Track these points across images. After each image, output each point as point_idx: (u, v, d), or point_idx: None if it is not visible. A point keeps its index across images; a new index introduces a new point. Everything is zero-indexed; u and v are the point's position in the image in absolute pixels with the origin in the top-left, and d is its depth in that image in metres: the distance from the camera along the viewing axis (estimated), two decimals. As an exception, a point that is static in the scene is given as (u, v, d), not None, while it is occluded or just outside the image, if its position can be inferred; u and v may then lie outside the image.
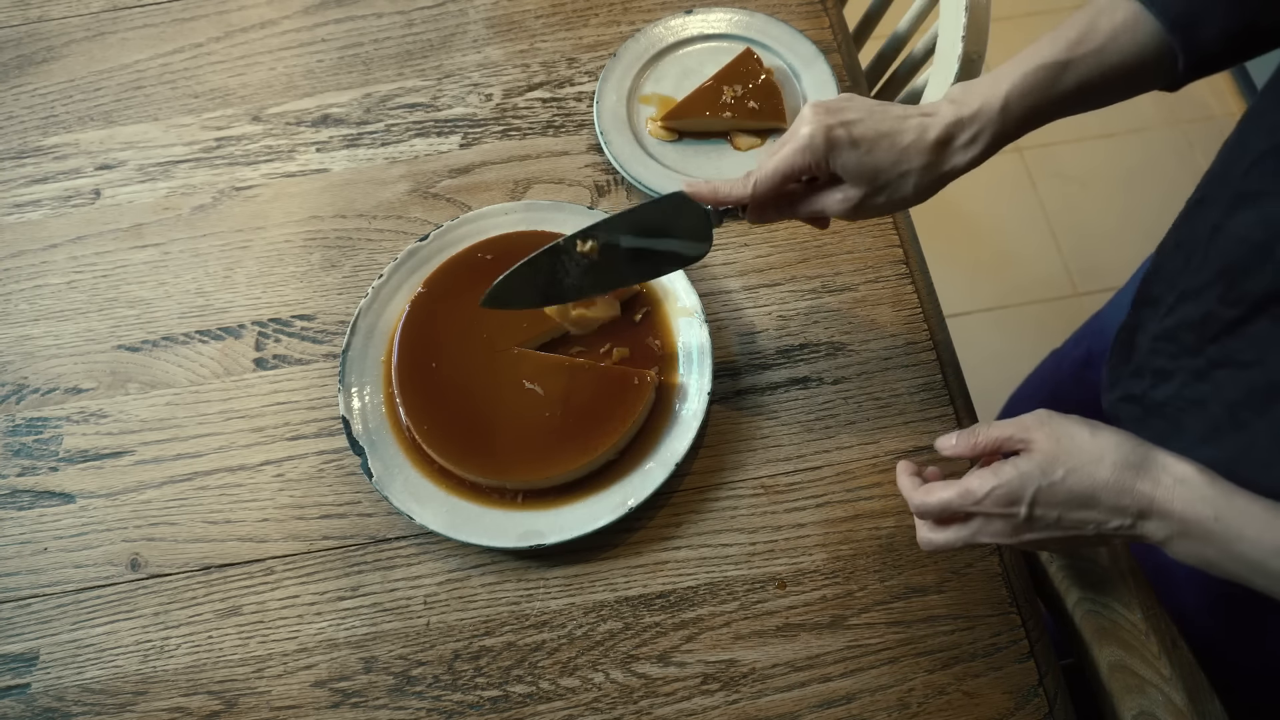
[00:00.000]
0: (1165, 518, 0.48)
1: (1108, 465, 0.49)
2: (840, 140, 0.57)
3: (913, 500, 0.56)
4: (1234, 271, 0.53)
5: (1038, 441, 0.51)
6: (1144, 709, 0.58)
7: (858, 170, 0.58)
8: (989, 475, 0.51)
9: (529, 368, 0.70)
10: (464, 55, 0.90)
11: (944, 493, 0.53)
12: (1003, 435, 0.53)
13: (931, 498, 0.54)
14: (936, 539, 0.56)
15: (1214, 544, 0.47)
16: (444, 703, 0.64)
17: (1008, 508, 0.51)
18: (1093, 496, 0.49)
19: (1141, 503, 0.48)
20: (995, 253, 1.77)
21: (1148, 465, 0.49)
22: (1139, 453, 0.49)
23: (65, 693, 0.65)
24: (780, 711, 0.63)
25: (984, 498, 0.51)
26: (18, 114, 0.90)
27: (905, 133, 0.57)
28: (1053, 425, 0.51)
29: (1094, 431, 0.51)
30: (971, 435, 0.56)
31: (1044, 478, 0.50)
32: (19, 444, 0.74)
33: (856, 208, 0.59)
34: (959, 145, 0.57)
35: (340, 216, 0.83)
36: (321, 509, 0.70)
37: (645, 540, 0.68)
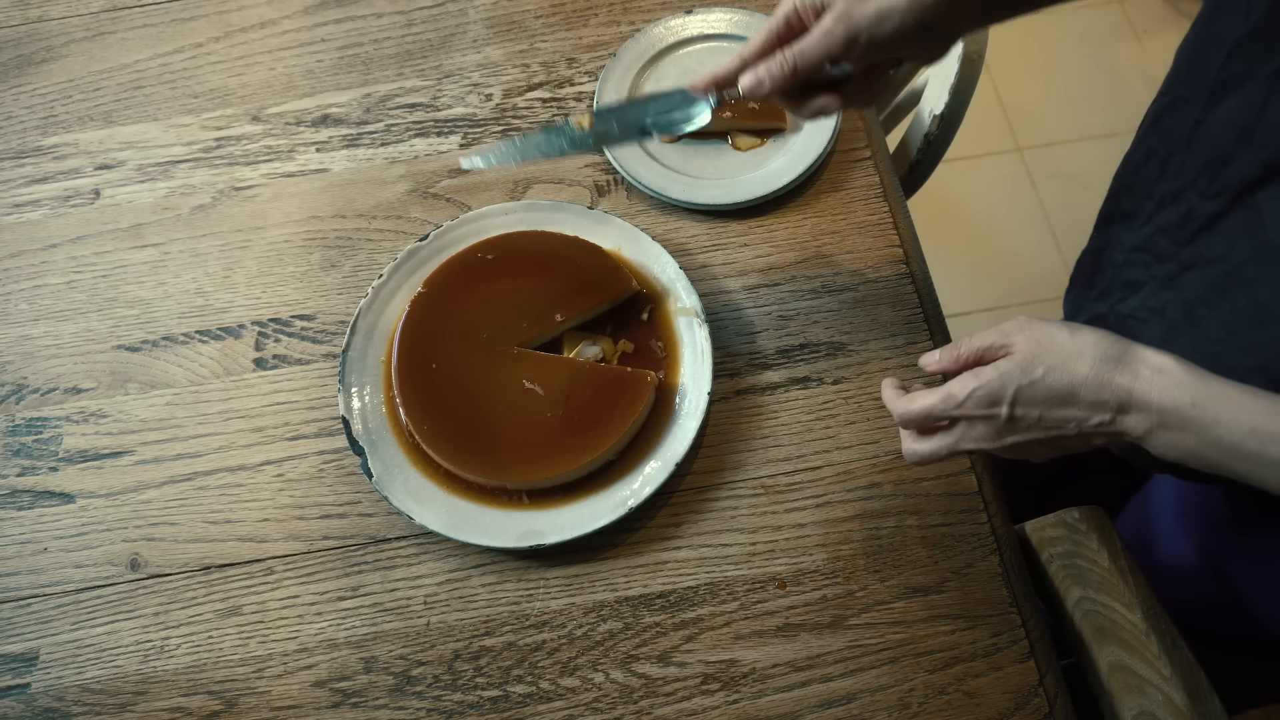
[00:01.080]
0: (1144, 409, 0.48)
1: (1087, 361, 0.49)
2: None
3: (896, 409, 0.56)
4: (1215, 163, 0.53)
5: (1018, 344, 0.51)
6: (1144, 709, 0.58)
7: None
8: (970, 378, 0.52)
9: (529, 368, 0.70)
10: (464, 55, 0.90)
11: (926, 399, 0.54)
12: (984, 344, 0.54)
13: (915, 405, 0.54)
14: (921, 449, 0.56)
15: (1192, 431, 0.47)
16: (444, 703, 0.64)
17: (989, 409, 0.51)
18: (1073, 393, 0.49)
19: (1121, 395, 0.48)
20: (995, 253, 1.77)
21: (1126, 359, 0.49)
22: (1117, 347, 0.50)
23: (65, 693, 0.65)
24: (780, 711, 0.63)
25: (965, 399, 0.52)
26: (17, 114, 0.90)
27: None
28: (1032, 328, 0.52)
29: (1073, 331, 0.51)
30: (954, 348, 0.55)
31: (1024, 376, 0.50)
32: (19, 444, 0.74)
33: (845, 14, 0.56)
34: None
35: (340, 216, 0.83)
36: (321, 509, 0.70)
37: (645, 540, 0.68)
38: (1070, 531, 0.65)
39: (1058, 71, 1.94)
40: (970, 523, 0.68)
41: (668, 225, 0.80)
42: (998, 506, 0.68)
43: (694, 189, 0.80)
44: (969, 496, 0.68)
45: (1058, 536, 0.66)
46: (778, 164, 0.81)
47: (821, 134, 0.82)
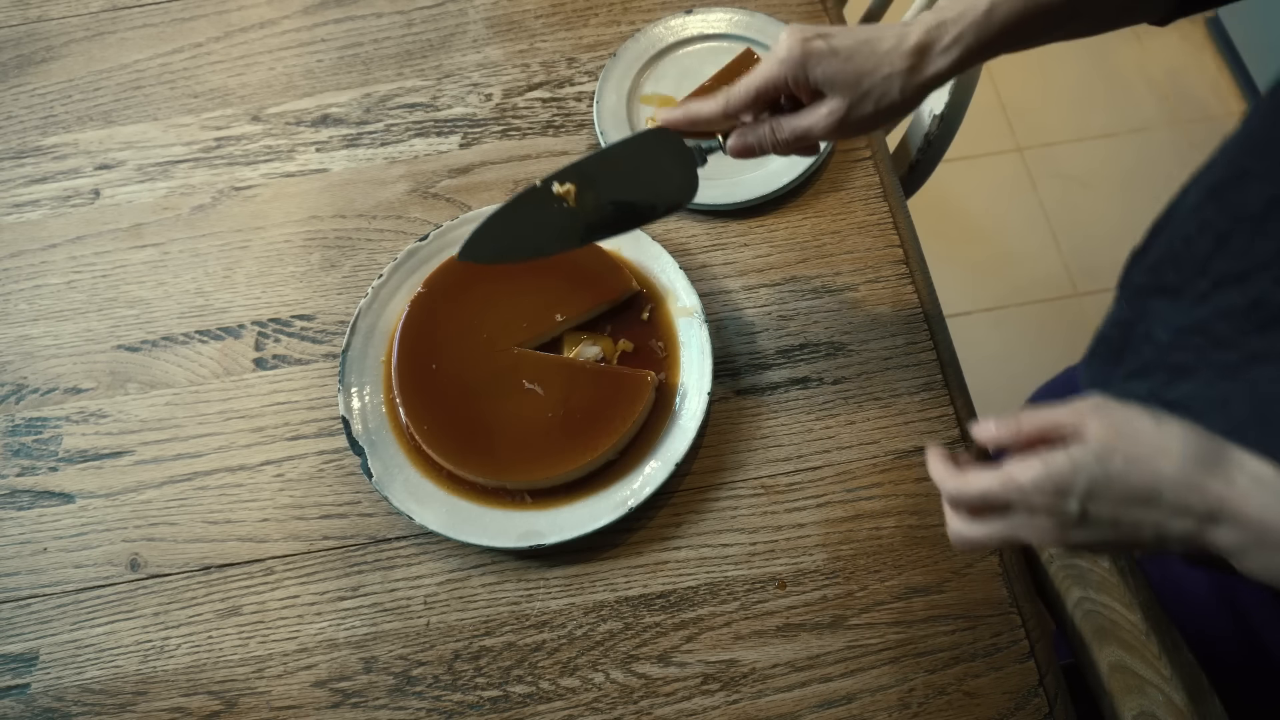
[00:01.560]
0: (1239, 522, 0.42)
1: (1174, 458, 0.43)
2: (818, 50, 0.56)
3: (947, 487, 0.50)
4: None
5: (1092, 429, 0.45)
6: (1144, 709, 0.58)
7: (840, 77, 0.56)
8: (1036, 462, 0.45)
9: (529, 368, 0.70)
10: (464, 55, 0.90)
11: (983, 480, 0.47)
12: (1051, 421, 0.47)
13: (970, 486, 0.48)
14: (970, 534, 0.50)
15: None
16: (444, 703, 0.64)
17: (1057, 501, 0.45)
18: (1156, 493, 0.43)
19: (1211, 503, 0.43)
20: (995, 253, 1.77)
21: (1220, 461, 0.43)
22: (1211, 447, 0.43)
23: (65, 693, 0.65)
24: (780, 711, 0.63)
25: (1030, 487, 0.45)
26: (17, 114, 0.90)
27: (884, 39, 0.56)
28: (1109, 411, 0.46)
29: (1157, 421, 0.45)
30: (1014, 421, 0.49)
31: (1100, 468, 0.44)
32: (19, 444, 0.74)
33: (843, 121, 0.57)
34: (940, 48, 0.56)
35: (340, 216, 0.83)
36: (321, 509, 0.70)
37: (645, 540, 0.68)
38: (1070, 531, 0.65)
39: (1058, 71, 1.94)
40: (970, 523, 0.68)
41: (668, 225, 0.80)
42: (998, 506, 0.68)
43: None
44: (969, 496, 0.68)
45: (1058, 536, 0.66)
46: (778, 164, 0.81)
47: (821, 134, 0.81)
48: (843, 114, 0.57)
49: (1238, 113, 1.88)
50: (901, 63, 0.56)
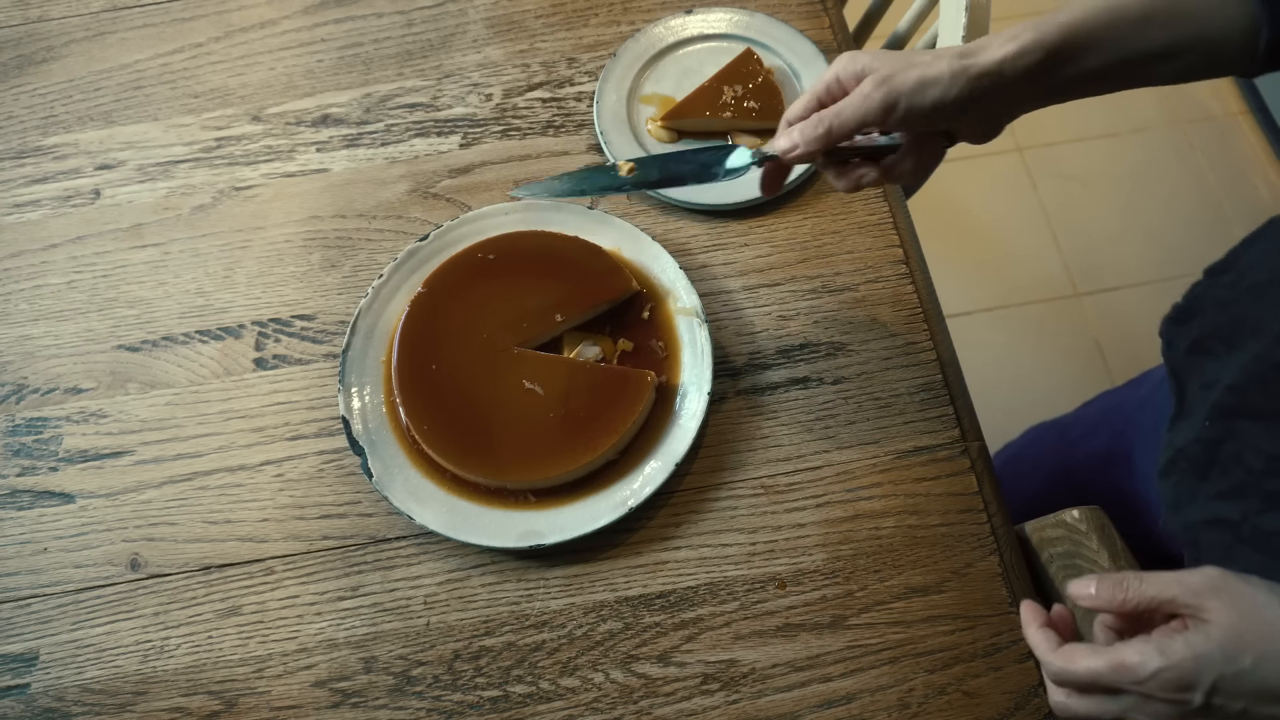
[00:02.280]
0: None
1: None
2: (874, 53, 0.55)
3: (1050, 665, 0.47)
4: None
5: (1213, 613, 0.42)
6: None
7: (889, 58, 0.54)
8: (1153, 651, 0.42)
9: (529, 368, 0.70)
10: (464, 55, 0.90)
11: (1092, 662, 0.44)
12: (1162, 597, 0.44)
13: (1076, 666, 0.45)
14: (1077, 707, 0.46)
15: None
16: (444, 703, 0.64)
17: (1178, 693, 0.42)
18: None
19: None
20: (995, 253, 1.77)
21: None
22: None
23: (65, 693, 0.65)
24: (780, 711, 0.63)
25: (1147, 678, 0.42)
26: (17, 114, 0.90)
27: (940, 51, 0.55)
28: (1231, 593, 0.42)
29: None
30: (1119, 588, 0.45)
31: (1227, 664, 0.41)
32: (19, 444, 0.74)
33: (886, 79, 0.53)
34: (997, 43, 0.53)
35: (340, 216, 0.83)
36: (321, 509, 0.70)
37: (645, 540, 0.68)
38: (1070, 531, 0.65)
39: (1058, 71, 1.94)
40: (970, 523, 0.68)
41: (668, 225, 0.80)
42: (998, 506, 0.68)
43: (694, 189, 0.80)
44: (969, 496, 0.68)
45: (1058, 536, 0.66)
46: (778, 164, 0.81)
47: (821, 134, 0.81)
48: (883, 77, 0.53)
49: (1238, 113, 1.88)
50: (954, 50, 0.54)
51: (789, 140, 0.57)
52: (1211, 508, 0.56)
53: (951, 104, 0.53)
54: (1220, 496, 0.56)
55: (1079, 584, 0.48)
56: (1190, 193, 1.80)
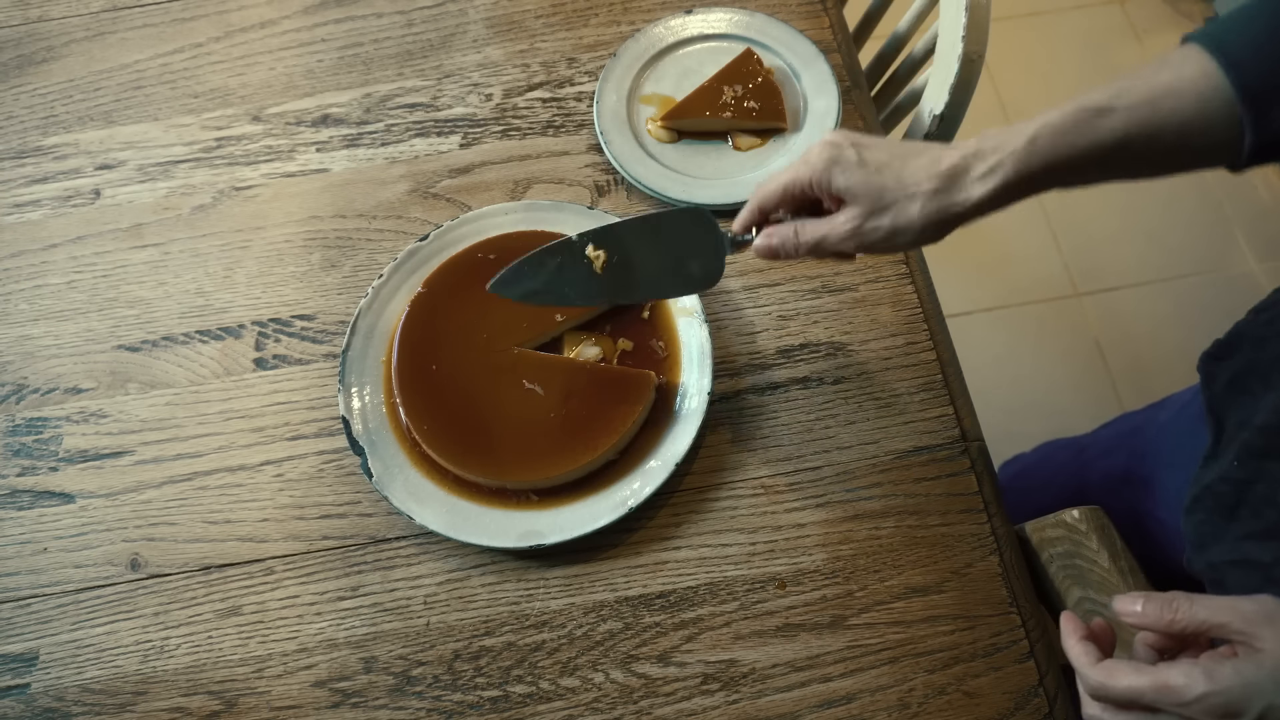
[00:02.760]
0: None
1: None
2: (846, 159, 0.54)
3: (1089, 679, 0.46)
4: None
5: (1267, 641, 0.41)
6: (1144, 709, 0.58)
7: (861, 189, 0.54)
8: (1200, 676, 0.42)
9: (529, 368, 0.70)
10: (464, 55, 0.90)
11: (1134, 680, 0.44)
12: (1214, 621, 0.43)
13: (1117, 683, 0.44)
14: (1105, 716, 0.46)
15: None
16: (444, 703, 0.64)
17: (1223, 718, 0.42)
18: None
19: None
20: (995, 253, 1.77)
21: None
22: None
23: (65, 693, 0.65)
24: (780, 711, 0.63)
25: (1192, 702, 0.42)
26: (18, 114, 0.90)
27: (918, 155, 0.54)
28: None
29: None
30: (1169, 609, 0.45)
31: (1278, 694, 0.41)
32: (19, 444, 0.74)
33: (857, 232, 0.55)
34: (974, 176, 0.52)
35: (340, 216, 0.83)
36: (321, 509, 0.70)
37: (645, 540, 0.68)
38: (1070, 531, 0.65)
39: (1058, 71, 1.94)
40: (970, 523, 0.68)
41: (668, 225, 0.80)
42: (998, 506, 0.68)
43: (694, 189, 0.80)
44: (969, 497, 0.68)
45: (1058, 536, 0.66)
46: (778, 164, 0.81)
47: (821, 134, 0.81)
48: (856, 225, 0.55)
49: (1238, 113, 1.88)
50: (929, 184, 0.53)
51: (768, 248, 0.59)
52: (1240, 548, 0.56)
53: (918, 242, 0.56)
54: (1250, 537, 0.55)
55: (1125, 600, 0.47)
56: (1190, 193, 1.80)
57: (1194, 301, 1.69)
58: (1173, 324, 1.67)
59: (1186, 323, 1.67)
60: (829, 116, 0.82)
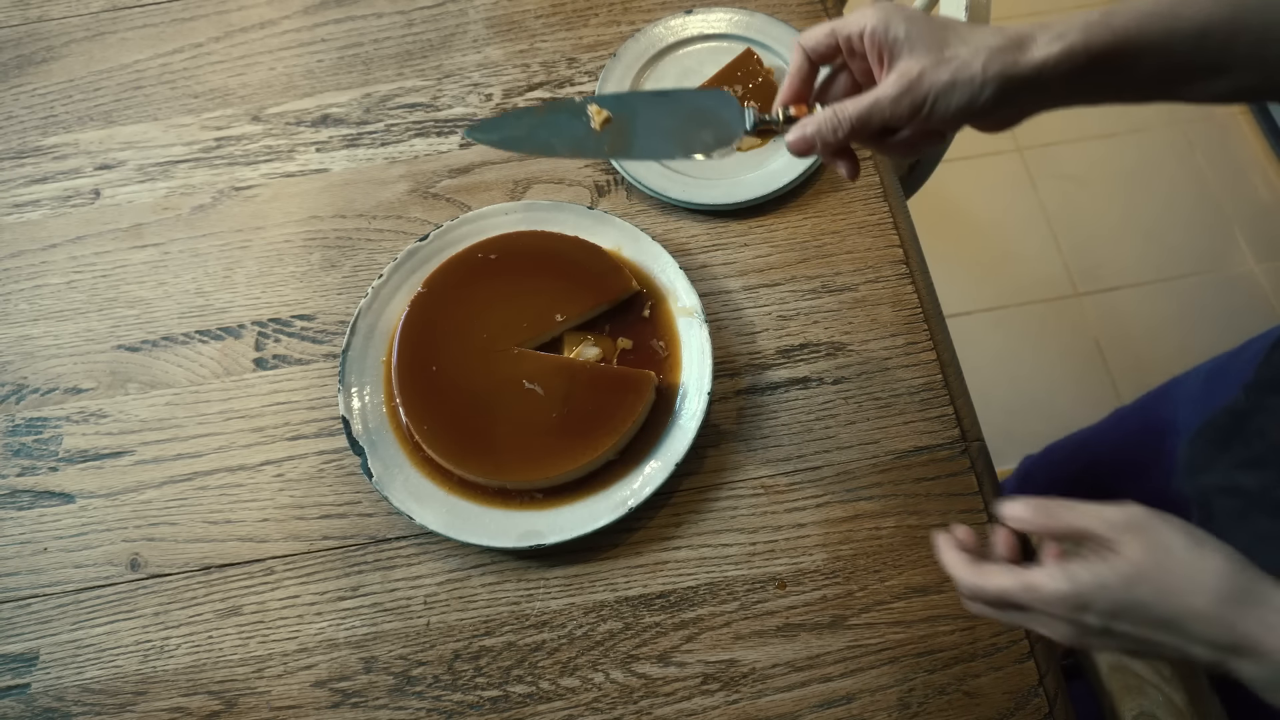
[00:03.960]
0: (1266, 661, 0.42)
1: (1206, 595, 0.43)
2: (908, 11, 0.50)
3: (964, 583, 0.50)
4: None
5: (1126, 548, 0.45)
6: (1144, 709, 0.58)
7: (921, 37, 0.49)
8: (1060, 576, 0.45)
9: (529, 368, 0.70)
10: (464, 55, 0.90)
11: (1003, 581, 0.47)
12: (1083, 527, 0.47)
13: (988, 584, 0.48)
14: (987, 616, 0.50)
15: None
16: (444, 703, 0.64)
17: (1077, 614, 0.45)
18: (1179, 624, 0.43)
19: (1238, 639, 0.42)
20: (995, 253, 1.77)
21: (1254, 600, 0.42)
22: (1245, 585, 0.43)
23: (65, 693, 0.65)
24: (780, 711, 0.63)
25: (1052, 599, 0.45)
26: (17, 114, 0.90)
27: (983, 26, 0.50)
28: (1149, 534, 0.45)
29: (1198, 549, 0.44)
30: (1047, 514, 0.48)
31: (1126, 593, 0.44)
32: (19, 444, 0.74)
33: (913, 87, 0.49)
34: (1042, 40, 0.48)
35: (340, 216, 0.83)
36: (321, 509, 0.70)
37: (645, 540, 0.68)
38: (1070, 531, 0.65)
39: (1058, 71, 1.94)
40: (970, 522, 0.68)
41: (668, 225, 0.80)
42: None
43: (694, 189, 0.80)
44: (969, 497, 0.68)
45: (1058, 536, 0.66)
46: (778, 164, 0.81)
47: (821, 134, 0.81)
48: (913, 78, 0.49)
49: (1237, 112, 1.88)
50: (994, 40, 0.49)
51: (803, 139, 0.54)
52: (1230, 476, 0.57)
53: (979, 108, 0.50)
54: (1240, 466, 0.56)
55: (1010, 505, 0.49)
56: (1190, 192, 1.80)
57: (1194, 301, 1.69)
58: (1173, 324, 1.67)
59: (1186, 323, 1.67)
60: (829, 116, 0.82)
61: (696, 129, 0.58)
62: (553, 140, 0.58)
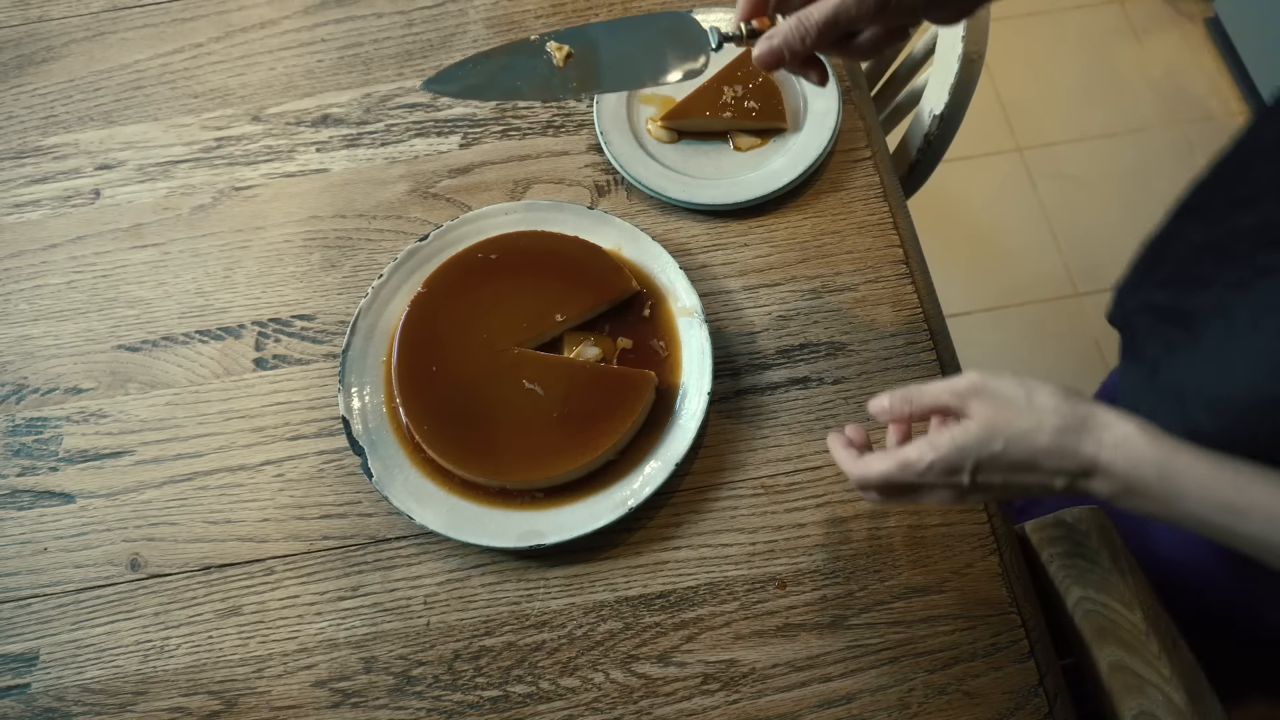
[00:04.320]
0: (1109, 477, 0.48)
1: (1047, 431, 0.49)
2: None
3: (852, 474, 0.55)
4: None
5: (974, 412, 0.51)
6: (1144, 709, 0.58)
7: None
8: (926, 447, 0.51)
9: (529, 368, 0.70)
10: (464, 55, 0.90)
11: (882, 465, 0.53)
12: (936, 403, 0.53)
13: (871, 471, 0.54)
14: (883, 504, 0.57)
15: (1158, 501, 0.48)
16: (444, 703, 0.64)
17: (950, 477, 0.51)
18: (1034, 462, 0.50)
19: (1084, 464, 0.49)
20: (995, 253, 1.77)
21: (1088, 426, 0.49)
22: (1078, 414, 0.49)
23: (65, 693, 0.65)
24: (780, 711, 0.63)
25: (925, 470, 0.51)
26: (18, 114, 0.90)
27: None
28: (988, 392, 0.51)
29: (1029, 394, 0.50)
30: (905, 400, 0.55)
31: (983, 449, 0.50)
32: (19, 444, 0.74)
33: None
34: None
35: (340, 216, 0.83)
36: (321, 509, 0.70)
37: (645, 540, 0.68)
38: (1070, 531, 0.65)
39: (1058, 71, 1.94)
40: (970, 523, 0.68)
41: (668, 225, 0.80)
42: (998, 506, 0.68)
43: (694, 189, 0.80)
44: (969, 496, 0.68)
45: (1058, 536, 0.66)
46: (778, 164, 0.81)
47: (821, 134, 0.82)
48: None
49: (1237, 113, 1.88)
50: None
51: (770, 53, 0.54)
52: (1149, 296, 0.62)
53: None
54: (1158, 285, 0.62)
55: (876, 401, 0.56)
56: (1190, 193, 1.80)
57: (1194, 301, 1.69)
58: (1172, 324, 1.67)
59: (1186, 323, 1.67)
60: (829, 116, 0.82)
61: (662, 53, 0.57)
62: (517, 83, 0.57)
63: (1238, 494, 0.46)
